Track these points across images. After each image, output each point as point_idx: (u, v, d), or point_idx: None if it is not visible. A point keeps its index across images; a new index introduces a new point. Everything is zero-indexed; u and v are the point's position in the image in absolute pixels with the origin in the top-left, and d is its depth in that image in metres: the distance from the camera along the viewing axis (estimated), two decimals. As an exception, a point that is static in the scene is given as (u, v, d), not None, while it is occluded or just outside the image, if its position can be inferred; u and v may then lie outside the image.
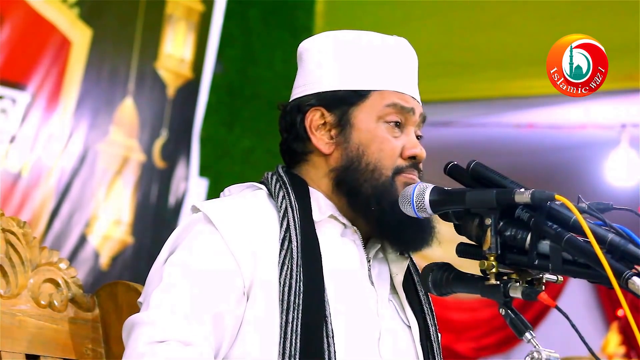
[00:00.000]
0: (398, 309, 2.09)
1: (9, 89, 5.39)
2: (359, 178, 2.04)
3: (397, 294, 2.10)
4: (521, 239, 1.89)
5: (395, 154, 2.06)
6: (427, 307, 2.13)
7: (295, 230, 1.98)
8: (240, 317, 1.93)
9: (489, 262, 1.90)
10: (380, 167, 2.04)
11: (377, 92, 2.08)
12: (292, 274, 1.94)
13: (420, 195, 1.98)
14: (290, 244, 1.97)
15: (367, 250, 2.08)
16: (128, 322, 1.92)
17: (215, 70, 6.40)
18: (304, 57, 2.14)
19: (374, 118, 2.07)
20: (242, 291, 1.94)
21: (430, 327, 2.11)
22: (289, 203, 2.02)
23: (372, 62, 2.10)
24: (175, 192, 6.22)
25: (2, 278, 1.99)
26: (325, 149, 2.07)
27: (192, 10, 6.29)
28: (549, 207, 1.87)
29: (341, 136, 2.07)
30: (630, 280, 1.74)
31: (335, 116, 2.08)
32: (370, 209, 2.04)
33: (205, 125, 6.37)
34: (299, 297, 1.93)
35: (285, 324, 1.91)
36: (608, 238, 1.81)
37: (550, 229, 1.85)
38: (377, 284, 2.07)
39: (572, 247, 1.82)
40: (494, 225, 1.90)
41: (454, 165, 2.05)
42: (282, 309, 1.92)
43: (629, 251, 1.79)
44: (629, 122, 7.33)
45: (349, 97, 2.08)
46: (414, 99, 2.11)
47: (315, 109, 2.09)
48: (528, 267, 1.91)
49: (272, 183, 2.07)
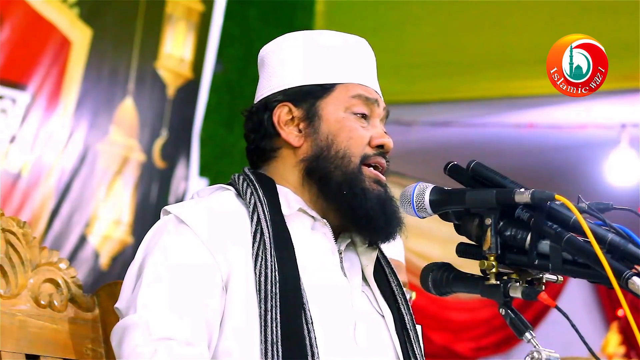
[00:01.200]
0: (371, 300, 2.12)
1: (9, 89, 5.39)
2: (329, 165, 2.08)
3: (369, 286, 2.13)
4: (521, 238, 1.89)
5: (363, 142, 2.10)
6: (401, 297, 2.15)
7: (266, 222, 2.01)
8: (221, 311, 1.95)
9: (489, 262, 1.90)
10: (350, 154, 2.08)
11: (342, 85, 2.12)
12: (266, 264, 1.97)
13: (420, 195, 1.98)
14: (263, 236, 2.00)
15: (338, 243, 2.11)
16: (117, 327, 1.93)
17: (215, 70, 6.40)
18: (266, 60, 2.19)
19: (341, 109, 2.11)
20: (221, 285, 1.96)
21: (405, 316, 2.13)
22: (257, 198, 2.05)
23: (334, 57, 2.15)
24: (175, 192, 6.22)
25: (2, 278, 1.99)
26: (295, 142, 2.11)
27: (192, 10, 6.28)
28: (549, 207, 1.87)
29: (310, 128, 2.11)
30: (630, 280, 1.74)
31: (302, 110, 2.12)
32: (341, 195, 2.07)
33: (205, 125, 6.37)
34: (275, 286, 1.95)
35: (264, 312, 1.93)
36: (608, 238, 1.81)
37: (550, 228, 1.85)
38: (349, 275, 2.09)
39: (572, 247, 1.82)
40: (494, 225, 1.90)
41: (453, 165, 2.05)
42: (259, 298, 1.94)
43: (629, 251, 1.79)
44: (629, 122, 7.33)
45: (315, 90, 2.12)
46: (376, 93, 2.16)
47: (282, 104, 2.13)
48: (528, 267, 1.91)
49: (239, 183, 2.10)
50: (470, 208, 1.94)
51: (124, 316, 1.95)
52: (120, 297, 2.00)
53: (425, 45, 6.41)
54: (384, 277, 2.16)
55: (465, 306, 9.25)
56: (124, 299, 1.98)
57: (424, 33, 6.40)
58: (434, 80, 6.35)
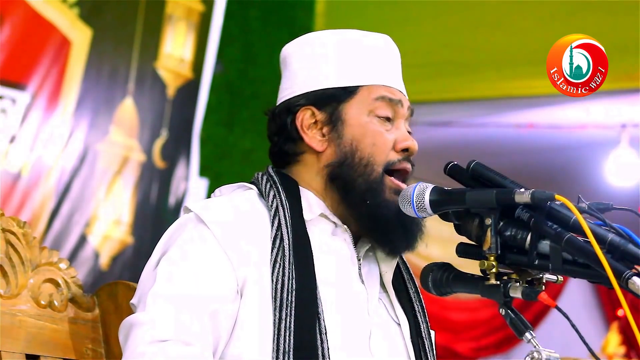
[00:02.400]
0: (388, 307, 2.10)
1: (9, 89, 5.39)
2: (353, 173, 2.06)
3: (387, 292, 2.11)
4: (521, 239, 1.89)
5: (387, 147, 2.07)
6: (418, 304, 2.14)
7: (287, 228, 1.99)
8: (234, 316, 1.94)
9: (489, 262, 1.90)
10: (373, 162, 2.06)
11: (365, 87, 2.10)
12: (284, 272, 1.95)
13: (420, 196, 1.98)
14: (282, 242, 1.98)
15: (358, 249, 2.09)
16: (125, 323, 1.92)
17: (215, 70, 6.40)
18: (288, 60, 2.16)
19: (365, 112, 2.08)
20: (236, 289, 1.94)
21: (421, 325, 2.11)
22: (280, 202, 2.03)
23: (357, 58, 2.12)
24: (175, 192, 6.22)
25: (2, 278, 1.99)
26: (318, 147, 2.08)
27: (192, 10, 6.29)
28: (549, 207, 1.87)
29: (334, 132, 2.08)
30: (630, 280, 1.74)
31: (326, 114, 2.09)
32: (364, 204, 2.05)
33: (205, 125, 6.37)
34: (291, 295, 1.94)
35: (278, 320, 1.92)
36: (608, 238, 1.81)
37: (550, 229, 1.85)
38: (367, 283, 2.08)
39: (572, 247, 1.82)
40: (494, 225, 1.90)
41: (454, 165, 2.05)
42: (274, 306, 1.93)
43: (629, 251, 1.79)
44: (629, 122, 7.33)
45: (338, 94, 2.09)
46: (400, 92, 2.14)
47: (305, 108, 2.10)
48: (528, 267, 1.91)
49: (262, 183, 2.07)
50: (470, 208, 1.94)
51: (134, 311, 1.94)
52: (136, 293, 1.99)
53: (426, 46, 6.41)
54: (403, 284, 2.14)
55: (465, 306, 9.25)
56: (138, 294, 1.98)
57: (424, 33, 6.40)
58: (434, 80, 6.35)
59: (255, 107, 6.48)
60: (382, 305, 2.09)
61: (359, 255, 2.09)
